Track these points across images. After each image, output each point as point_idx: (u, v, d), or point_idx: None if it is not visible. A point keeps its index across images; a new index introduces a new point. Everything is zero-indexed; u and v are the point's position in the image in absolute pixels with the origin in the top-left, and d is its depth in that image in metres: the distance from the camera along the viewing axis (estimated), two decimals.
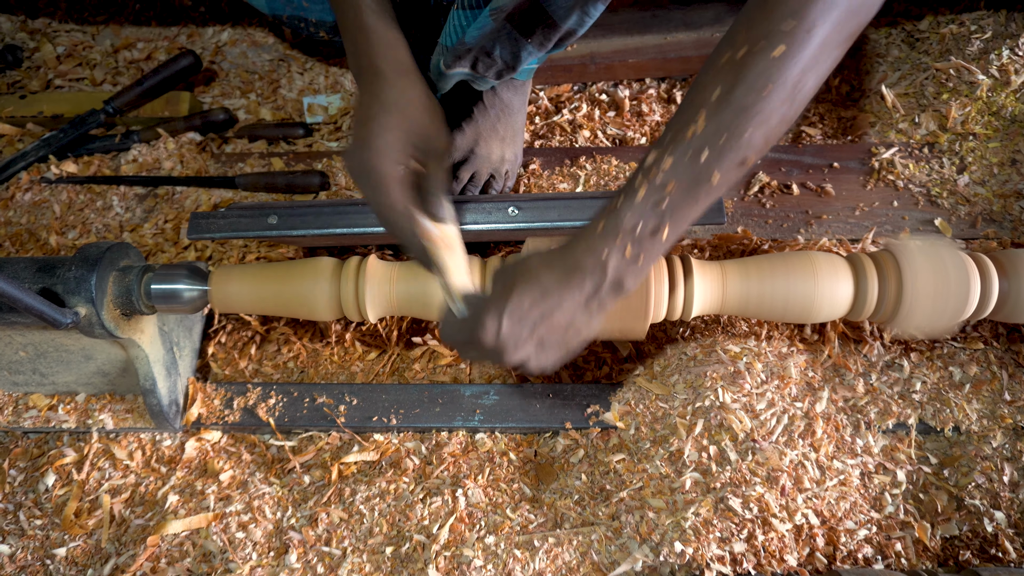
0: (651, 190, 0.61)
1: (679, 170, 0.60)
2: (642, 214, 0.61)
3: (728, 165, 0.60)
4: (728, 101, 0.58)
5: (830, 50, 0.58)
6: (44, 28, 1.41)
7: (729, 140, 0.59)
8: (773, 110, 0.58)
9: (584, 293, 0.64)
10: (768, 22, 0.57)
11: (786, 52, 0.56)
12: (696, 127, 0.59)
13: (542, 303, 0.64)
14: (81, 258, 0.79)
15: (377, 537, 0.88)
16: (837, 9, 0.56)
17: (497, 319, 0.64)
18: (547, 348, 0.66)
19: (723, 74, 0.59)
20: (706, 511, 0.81)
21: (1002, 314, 0.87)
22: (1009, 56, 1.14)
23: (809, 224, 1.08)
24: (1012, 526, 0.87)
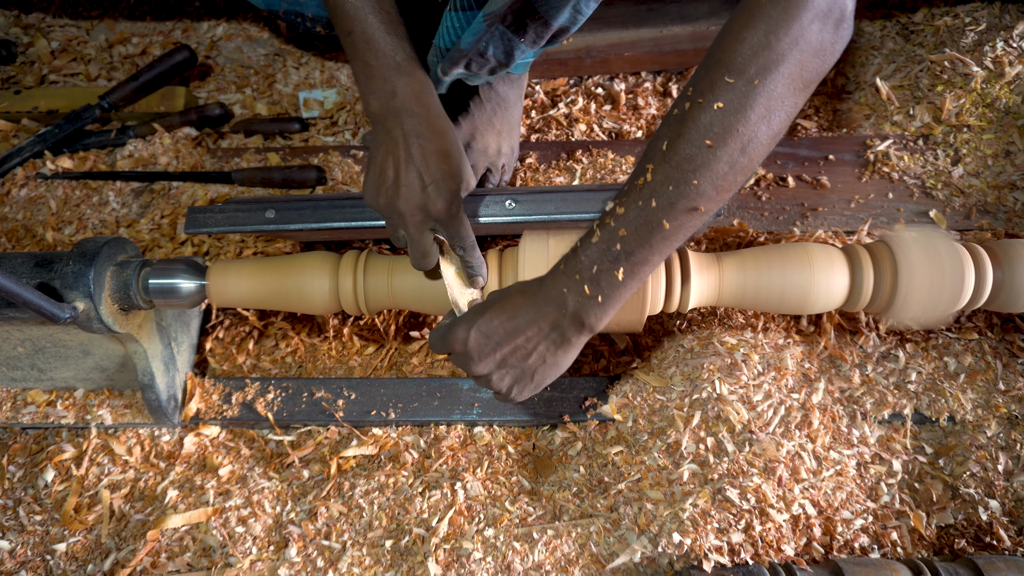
0: (605, 235, 0.64)
1: (630, 217, 0.63)
2: (597, 256, 0.65)
3: (677, 213, 0.62)
4: (673, 152, 0.60)
5: (782, 100, 0.59)
6: (38, 23, 1.40)
7: (676, 190, 0.61)
8: (720, 161, 0.60)
9: (547, 322, 0.68)
10: (712, 76, 0.58)
11: (727, 106, 0.58)
12: (646, 177, 0.62)
13: (508, 324, 0.69)
14: (79, 253, 0.79)
15: (376, 530, 0.88)
16: (784, 63, 0.57)
17: (467, 330, 0.70)
18: (509, 370, 0.71)
19: (671, 126, 0.61)
20: (704, 502, 0.81)
21: (996, 304, 0.87)
22: (1003, 48, 1.14)
23: (805, 216, 1.09)
24: (1006, 514, 0.87)
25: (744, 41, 0.57)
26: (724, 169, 0.60)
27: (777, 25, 0.56)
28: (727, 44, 0.58)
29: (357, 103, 1.28)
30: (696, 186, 0.60)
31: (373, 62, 0.72)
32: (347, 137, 1.25)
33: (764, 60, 0.57)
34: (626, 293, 0.67)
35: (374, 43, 0.72)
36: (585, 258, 0.65)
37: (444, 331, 0.72)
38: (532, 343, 0.69)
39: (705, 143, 0.59)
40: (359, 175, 1.16)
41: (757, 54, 0.57)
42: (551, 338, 0.69)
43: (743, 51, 0.57)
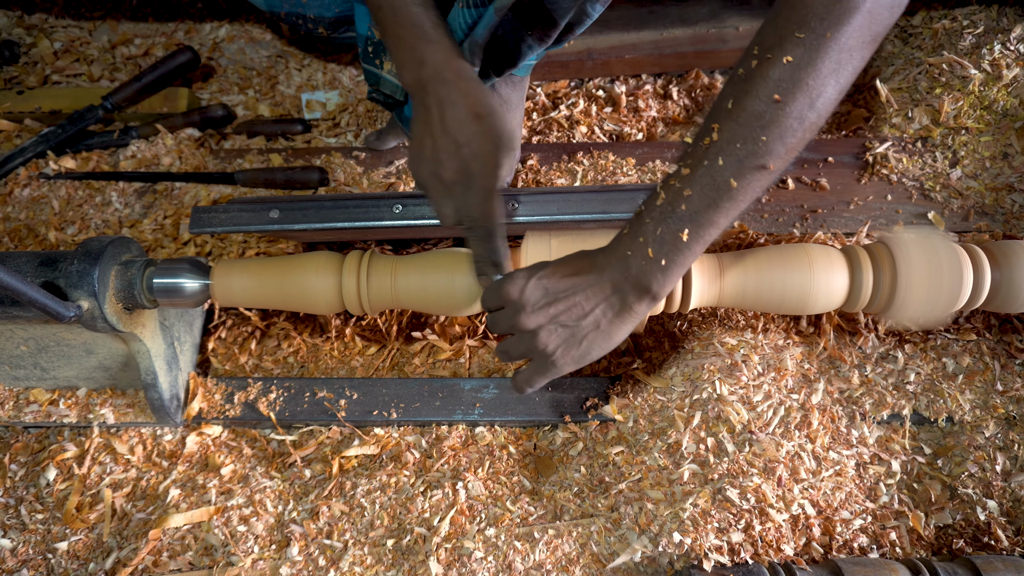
0: (669, 196, 0.63)
1: (696, 177, 0.62)
2: (661, 218, 0.63)
3: (746, 171, 0.60)
4: (741, 109, 0.59)
5: (851, 53, 0.58)
6: (41, 24, 1.41)
7: (744, 147, 0.60)
8: (789, 116, 0.58)
9: (610, 284, 0.66)
10: (781, 31, 0.58)
11: (798, 60, 0.57)
12: (712, 136, 0.61)
13: (569, 280, 0.67)
14: (83, 252, 0.79)
15: (378, 530, 0.88)
16: (857, 15, 0.56)
17: (526, 278, 0.68)
18: (559, 328, 0.68)
19: (737, 85, 0.60)
20: (704, 502, 0.82)
21: (994, 304, 0.88)
22: (1001, 51, 1.15)
23: (804, 218, 1.09)
24: (1004, 515, 0.88)
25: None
26: (793, 125, 0.59)
27: None
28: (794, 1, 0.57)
29: (359, 104, 1.28)
30: (765, 143, 0.59)
31: (402, 33, 0.72)
32: (349, 138, 1.26)
33: (837, 12, 0.56)
34: (691, 257, 0.65)
35: (401, 14, 0.72)
36: (649, 220, 0.64)
37: (500, 282, 0.70)
38: (591, 303, 0.67)
39: (774, 98, 0.58)
40: (362, 176, 1.16)
41: (830, 7, 0.56)
42: (611, 301, 0.67)
43: (815, 3, 0.56)
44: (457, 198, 0.72)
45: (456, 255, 0.87)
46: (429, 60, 0.71)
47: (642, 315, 0.68)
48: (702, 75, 1.28)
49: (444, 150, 0.70)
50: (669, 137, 1.22)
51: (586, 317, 0.68)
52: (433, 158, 0.71)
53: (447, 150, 0.70)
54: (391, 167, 1.17)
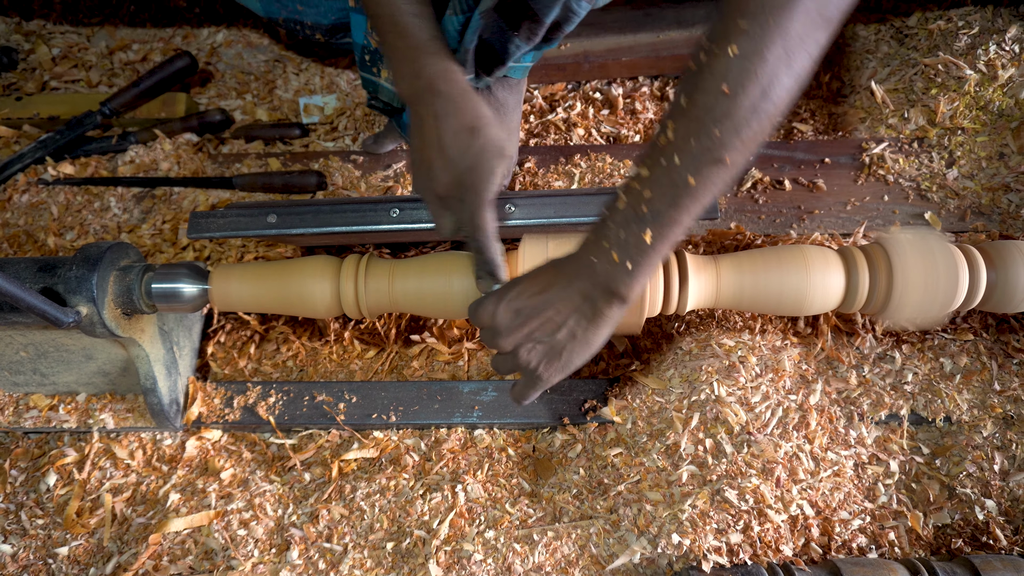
0: (631, 199, 0.63)
1: (655, 178, 0.61)
2: (623, 221, 0.63)
3: (703, 167, 0.60)
4: (692, 105, 0.59)
5: (799, 41, 0.56)
6: (39, 30, 1.41)
7: (699, 143, 0.59)
8: (741, 108, 0.57)
9: (578, 294, 0.66)
10: (725, 22, 0.57)
11: (744, 51, 0.56)
12: (667, 135, 0.61)
13: (537, 297, 0.67)
14: (82, 258, 0.79)
15: (378, 533, 0.89)
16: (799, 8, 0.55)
17: (495, 303, 0.69)
18: (537, 345, 0.69)
19: (688, 80, 0.60)
20: (703, 503, 0.82)
21: (990, 304, 0.88)
22: (996, 51, 1.15)
23: (801, 219, 1.10)
24: (1003, 514, 0.88)
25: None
26: (746, 116, 0.58)
27: None
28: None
29: (356, 108, 1.28)
30: (719, 137, 0.58)
31: (399, 44, 0.72)
32: (347, 142, 1.26)
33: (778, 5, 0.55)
34: (656, 258, 0.65)
35: (399, 25, 0.72)
36: (612, 225, 0.64)
37: (474, 308, 0.71)
38: (562, 316, 0.67)
39: (723, 90, 0.57)
40: (359, 180, 1.17)
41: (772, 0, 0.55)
42: (582, 310, 0.67)
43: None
44: (454, 210, 0.73)
45: (454, 258, 0.88)
46: (425, 72, 0.71)
47: (616, 318, 0.68)
48: None
49: (439, 164, 0.71)
50: None
51: (560, 329, 0.68)
52: (428, 172, 0.72)
53: (441, 164, 0.71)
54: (389, 171, 1.17)
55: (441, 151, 0.70)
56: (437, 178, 0.71)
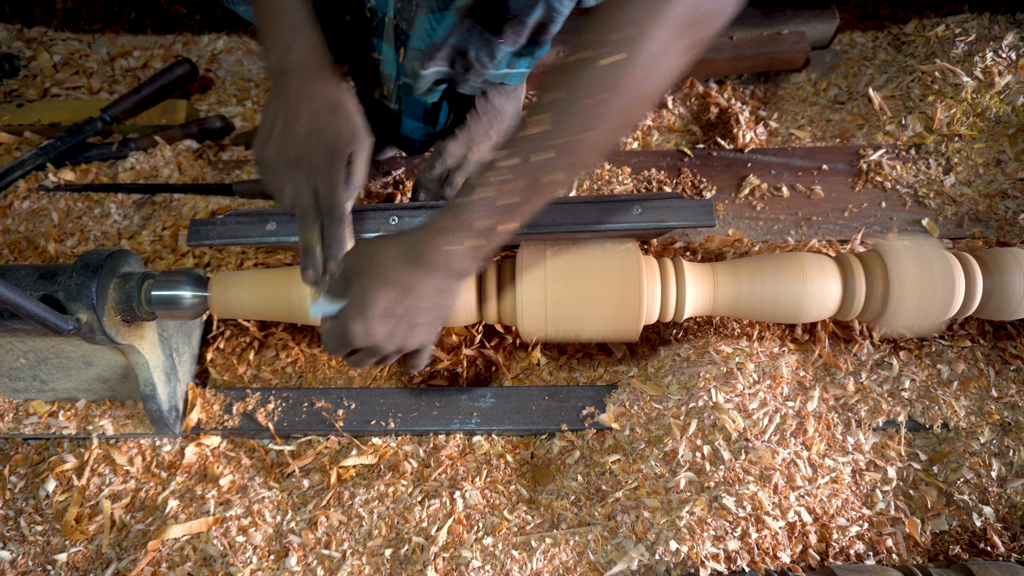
0: (488, 189, 0.65)
1: (522, 168, 0.63)
2: (479, 211, 0.65)
3: (561, 166, 0.63)
4: (573, 102, 0.61)
5: (665, 58, 0.59)
6: (41, 37, 1.42)
7: (572, 140, 0.62)
8: (611, 113, 0.60)
9: (435, 282, 0.70)
10: (601, 31, 0.59)
11: (616, 62, 0.58)
12: (540, 127, 0.62)
13: (404, 299, 0.70)
14: (82, 265, 0.80)
15: (376, 539, 0.89)
16: (666, 23, 0.58)
17: (362, 324, 0.70)
18: (417, 328, 0.73)
19: (561, 78, 0.62)
20: (700, 510, 0.82)
21: (987, 311, 0.88)
22: (993, 58, 1.16)
23: (799, 226, 1.10)
24: (1000, 520, 0.88)
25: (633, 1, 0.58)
26: (614, 122, 0.61)
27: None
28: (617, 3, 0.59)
29: None
30: (591, 137, 0.61)
31: (273, 19, 0.75)
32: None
33: (648, 21, 0.58)
34: (505, 239, 0.69)
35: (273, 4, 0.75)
36: (467, 215, 0.66)
37: (336, 333, 0.72)
38: (426, 302, 0.71)
39: (588, 98, 0.60)
40: None
41: (643, 15, 0.58)
42: (439, 290, 0.71)
43: (631, 11, 0.58)
44: (297, 183, 0.75)
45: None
46: (296, 49, 0.74)
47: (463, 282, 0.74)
48: (697, 84, 1.29)
49: (294, 135, 0.73)
50: (664, 146, 1.23)
51: (427, 311, 0.72)
52: (282, 140, 0.74)
53: (297, 135, 0.73)
54: (388, 177, 1.18)
55: (300, 123, 0.73)
56: (290, 147, 0.73)
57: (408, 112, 1.00)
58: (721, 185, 1.14)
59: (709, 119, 1.25)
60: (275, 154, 0.75)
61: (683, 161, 1.17)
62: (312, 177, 0.75)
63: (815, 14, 1.29)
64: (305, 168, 0.74)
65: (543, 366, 1.03)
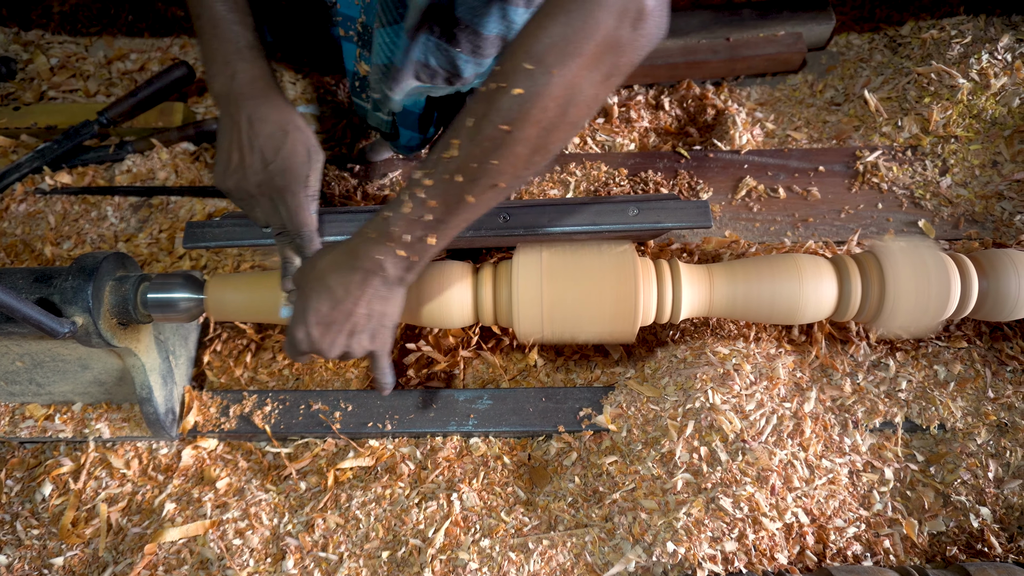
0: (415, 205, 0.67)
1: (438, 190, 0.66)
2: (407, 225, 0.68)
3: (480, 189, 0.65)
4: (477, 131, 0.62)
5: (580, 90, 0.60)
6: (37, 40, 1.42)
7: (479, 167, 0.63)
8: (517, 143, 0.61)
9: (371, 288, 0.72)
10: (514, 61, 0.60)
11: (526, 92, 0.59)
12: (452, 151, 0.64)
13: (339, 306, 0.73)
14: (78, 268, 0.80)
15: (373, 542, 0.89)
16: (580, 55, 0.58)
17: (304, 330, 0.75)
18: (359, 334, 0.76)
19: (477, 104, 0.63)
20: (697, 511, 0.82)
21: (982, 312, 0.88)
22: (988, 60, 1.16)
23: (796, 227, 1.10)
24: (997, 521, 0.88)
25: (544, 30, 0.58)
26: (523, 151, 0.62)
27: (573, 18, 0.57)
28: (529, 32, 0.60)
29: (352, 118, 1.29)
30: (496, 165, 0.63)
31: (216, 46, 0.75)
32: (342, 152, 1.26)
33: (560, 51, 0.58)
34: (439, 250, 0.71)
35: (219, 28, 0.75)
36: (396, 228, 0.68)
37: (286, 339, 0.77)
38: (364, 307, 0.74)
39: (504, 126, 0.60)
40: (356, 189, 1.17)
41: (555, 44, 0.58)
42: (377, 296, 0.73)
43: (542, 40, 0.58)
44: (264, 209, 0.78)
45: (449, 268, 0.88)
46: (241, 76, 0.75)
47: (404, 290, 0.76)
48: (693, 85, 1.29)
49: (250, 164, 0.75)
50: (661, 147, 1.23)
51: (371, 317, 0.75)
52: (239, 171, 0.76)
53: (253, 165, 0.75)
54: (385, 179, 1.18)
55: (253, 152, 0.75)
56: (249, 177, 0.75)
57: (403, 123, 1.01)
58: (718, 186, 1.15)
59: (706, 121, 1.25)
60: (235, 185, 0.77)
61: (680, 163, 1.17)
62: (276, 201, 0.77)
63: (811, 16, 1.30)
64: (268, 194, 0.77)
65: (540, 368, 1.03)
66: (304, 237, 0.80)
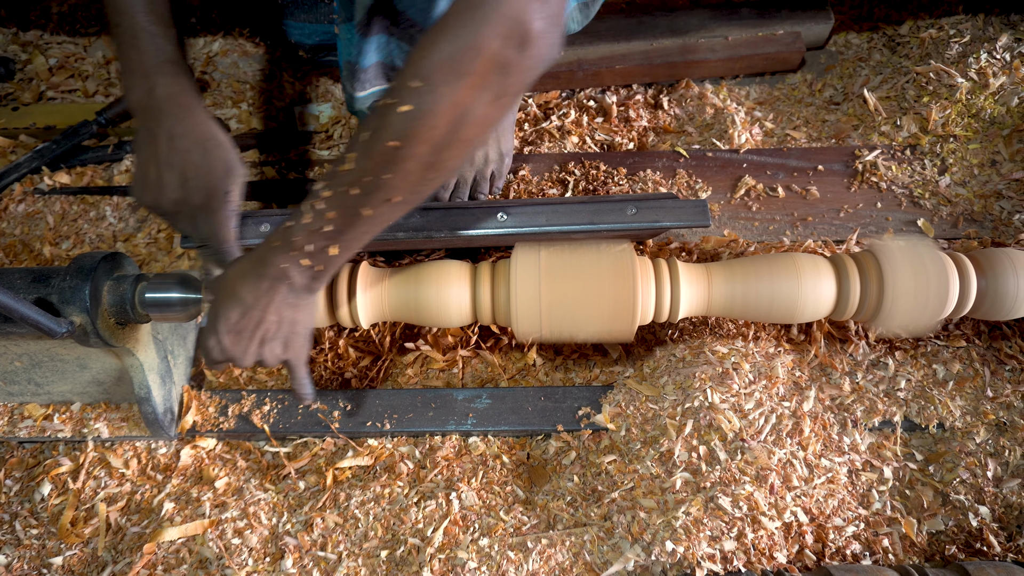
0: (314, 216, 0.67)
1: (335, 202, 0.66)
2: (307, 235, 0.68)
3: (375, 203, 0.65)
4: (370, 146, 0.62)
5: (470, 109, 0.59)
6: (36, 40, 1.42)
7: (373, 181, 0.63)
8: (408, 160, 0.61)
9: (279, 296, 0.72)
10: (404, 79, 0.60)
11: (415, 111, 0.59)
12: (348, 165, 0.64)
13: (249, 314, 0.73)
14: (76, 268, 0.79)
15: (372, 541, 0.89)
16: (467, 76, 0.58)
17: (214, 339, 0.75)
18: (271, 342, 0.76)
19: (372, 119, 0.63)
20: (696, 510, 0.82)
21: (981, 312, 0.88)
22: (987, 59, 1.16)
23: (795, 226, 1.10)
24: (996, 520, 0.88)
25: (431, 49, 0.58)
26: (414, 168, 0.62)
27: (459, 38, 0.57)
28: (419, 50, 0.59)
29: (351, 117, 1.29)
30: (389, 180, 0.62)
31: (135, 57, 0.74)
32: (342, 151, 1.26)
33: (447, 70, 0.58)
34: (343, 260, 0.71)
35: (138, 40, 0.74)
36: (298, 238, 0.68)
37: (202, 348, 0.78)
38: (274, 315, 0.74)
39: (394, 143, 0.60)
40: None
41: (442, 63, 0.58)
42: (286, 304, 0.73)
43: (430, 58, 0.58)
44: (184, 222, 0.78)
45: (447, 267, 0.88)
46: (160, 91, 0.74)
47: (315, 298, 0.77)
48: (692, 84, 1.29)
49: (168, 181, 0.75)
50: (660, 146, 1.23)
51: (281, 324, 0.75)
52: (157, 187, 0.75)
53: (171, 181, 0.74)
54: None
55: (171, 168, 0.74)
56: (166, 194, 0.75)
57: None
58: (717, 186, 1.15)
59: (705, 119, 1.25)
60: (154, 201, 0.76)
61: (679, 162, 1.17)
62: (195, 217, 0.77)
63: (810, 15, 1.30)
64: (187, 210, 0.76)
65: (539, 367, 1.03)
66: (224, 252, 0.79)
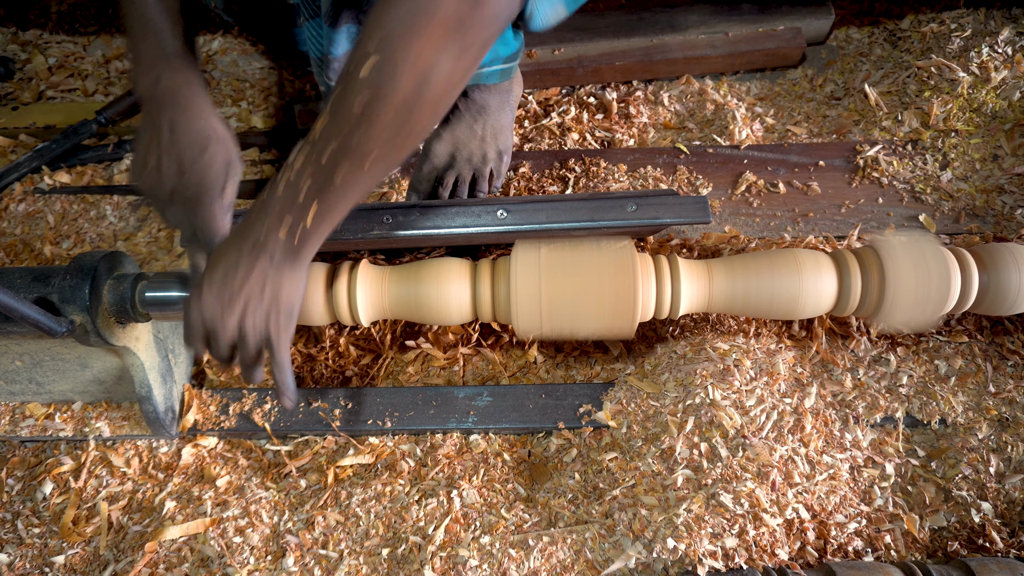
0: (288, 185, 0.66)
1: (306, 171, 0.65)
2: (283, 207, 0.67)
3: (345, 171, 0.64)
4: (335, 111, 0.62)
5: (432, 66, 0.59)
6: (35, 40, 1.42)
7: (340, 148, 0.63)
8: (372, 124, 0.61)
9: (261, 263, 0.71)
10: (364, 44, 0.60)
11: (375, 73, 0.59)
12: (315, 134, 0.64)
13: (228, 279, 0.72)
14: (76, 267, 0.79)
15: (373, 539, 0.89)
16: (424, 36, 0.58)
17: (197, 305, 0.73)
18: (254, 311, 0.73)
19: (338, 86, 0.63)
20: (698, 507, 0.82)
21: (983, 307, 0.88)
22: (989, 53, 1.15)
23: (796, 222, 1.10)
24: (999, 516, 0.88)
25: (389, 11, 0.58)
26: (382, 133, 0.62)
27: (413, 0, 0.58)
28: (375, 16, 0.60)
29: None
30: (358, 146, 0.62)
31: (144, 49, 0.75)
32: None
33: (405, 31, 0.58)
34: (323, 232, 0.69)
35: (148, 30, 0.74)
36: (273, 209, 0.68)
37: (184, 321, 0.76)
38: (259, 277, 0.72)
39: (358, 106, 0.60)
40: None
41: (400, 23, 0.58)
42: (270, 274, 0.72)
43: (388, 21, 0.58)
44: (176, 213, 0.77)
45: (447, 264, 0.88)
46: (165, 81, 0.74)
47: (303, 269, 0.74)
48: (693, 80, 1.29)
49: (167, 169, 0.74)
50: (660, 143, 1.23)
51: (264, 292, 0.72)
52: (156, 175, 0.75)
53: (170, 170, 0.74)
54: None
55: (171, 158, 0.74)
56: (164, 182, 0.75)
57: None
58: (717, 182, 1.14)
59: (705, 116, 1.25)
60: (150, 188, 0.76)
61: (679, 158, 1.16)
62: (187, 210, 0.77)
63: (811, 10, 1.29)
64: (180, 202, 0.76)
65: (540, 364, 1.03)
66: (213, 247, 0.79)
